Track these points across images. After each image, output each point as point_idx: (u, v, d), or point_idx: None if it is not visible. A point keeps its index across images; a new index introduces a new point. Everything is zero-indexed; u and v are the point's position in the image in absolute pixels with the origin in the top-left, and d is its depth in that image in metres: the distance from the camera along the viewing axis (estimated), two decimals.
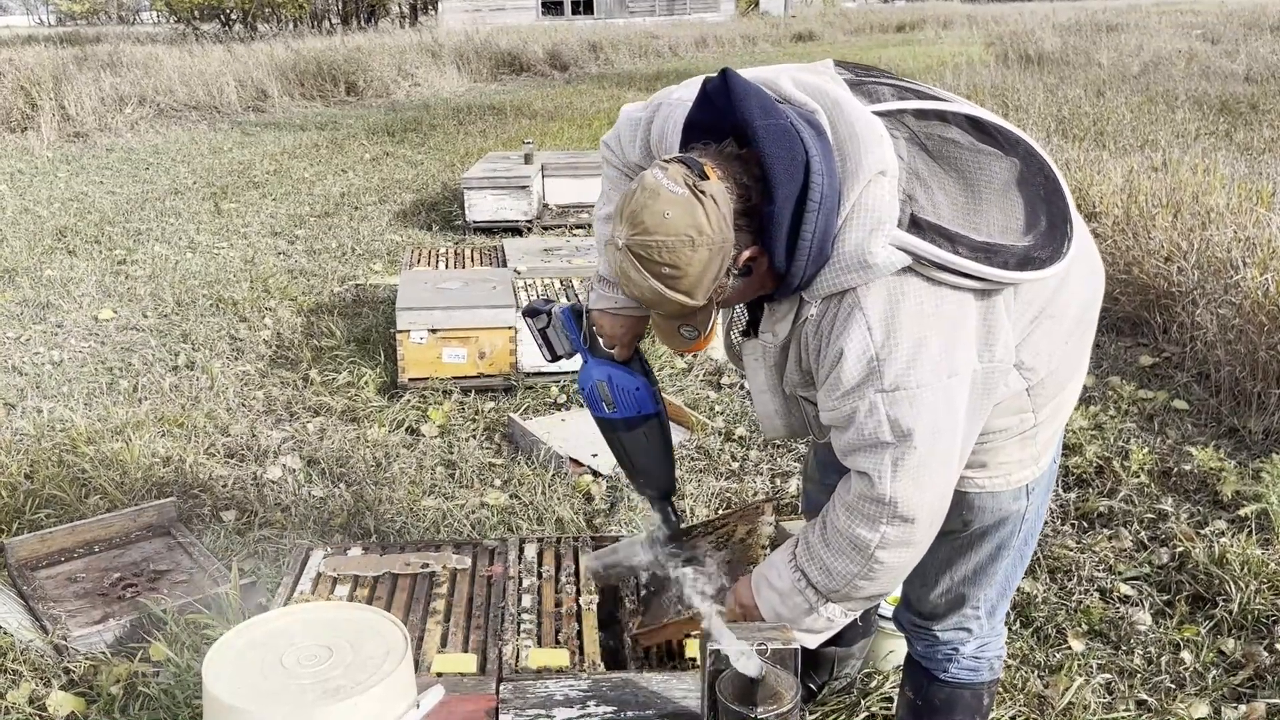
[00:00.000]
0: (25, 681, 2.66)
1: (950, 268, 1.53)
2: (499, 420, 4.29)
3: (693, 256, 1.53)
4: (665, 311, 1.65)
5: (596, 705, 1.98)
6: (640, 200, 1.55)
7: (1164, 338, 4.92)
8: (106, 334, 5.43)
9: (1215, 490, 3.56)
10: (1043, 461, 1.83)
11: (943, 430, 1.59)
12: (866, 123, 1.57)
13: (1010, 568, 1.94)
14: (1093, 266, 1.82)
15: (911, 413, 1.55)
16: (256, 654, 1.64)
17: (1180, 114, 10.18)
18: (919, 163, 1.58)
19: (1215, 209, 5.42)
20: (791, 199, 1.52)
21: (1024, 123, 9.17)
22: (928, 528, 1.64)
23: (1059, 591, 3.07)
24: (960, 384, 1.59)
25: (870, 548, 1.63)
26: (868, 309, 1.55)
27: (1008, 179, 1.61)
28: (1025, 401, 1.75)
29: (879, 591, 1.72)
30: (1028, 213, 1.61)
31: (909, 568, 1.70)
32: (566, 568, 2.69)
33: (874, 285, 1.55)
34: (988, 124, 1.66)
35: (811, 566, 1.72)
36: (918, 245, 1.52)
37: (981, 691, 2.06)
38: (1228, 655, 2.77)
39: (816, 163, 1.51)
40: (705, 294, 1.59)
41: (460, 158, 10.51)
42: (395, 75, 17.59)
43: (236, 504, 3.59)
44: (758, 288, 1.67)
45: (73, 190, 9.28)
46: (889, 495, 1.59)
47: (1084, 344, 1.83)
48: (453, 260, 5.94)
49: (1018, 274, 1.57)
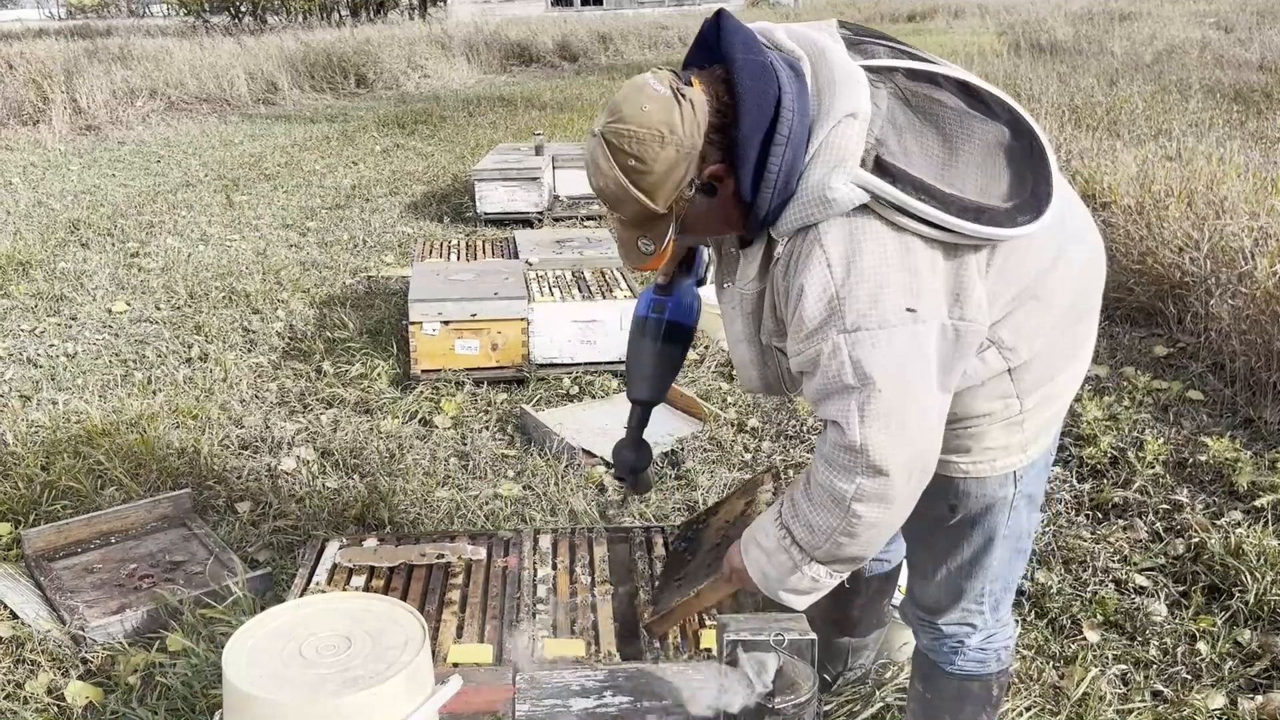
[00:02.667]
0: (43, 671, 2.68)
1: (910, 212, 1.53)
2: (511, 411, 4.29)
3: (660, 153, 1.58)
4: (626, 214, 1.68)
5: (613, 695, 1.99)
6: (625, 93, 1.62)
7: (1178, 328, 4.89)
8: (120, 326, 5.45)
9: (1231, 481, 3.55)
10: (1031, 451, 1.81)
11: (911, 377, 1.56)
12: (846, 70, 1.60)
13: (1005, 559, 1.93)
14: (1092, 254, 1.81)
15: (874, 354, 1.54)
16: (276, 644, 1.65)
17: (1193, 103, 10.11)
18: (899, 115, 1.59)
19: (1229, 198, 5.38)
20: (759, 129, 1.57)
21: (1037, 112, 9.12)
22: (905, 483, 1.59)
23: (1074, 582, 3.06)
24: (928, 332, 1.57)
25: (847, 499, 1.60)
26: (828, 246, 1.56)
27: (992, 143, 1.61)
28: (1008, 386, 1.74)
29: (860, 552, 1.69)
30: (1012, 179, 1.61)
31: (890, 527, 1.66)
32: (581, 558, 2.70)
33: (835, 223, 1.56)
34: (978, 89, 1.66)
35: (796, 523, 1.70)
36: (878, 185, 1.53)
37: (990, 682, 2.06)
38: (1244, 646, 2.77)
39: (788, 99, 1.57)
40: (666, 199, 1.63)
41: (471, 149, 10.51)
42: (405, 67, 17.59)
43: (251, 495, 3.61)
44: (722, 217, 1.69)
45: (85, 183, 9.31)
46: (859, 441, 1.56)
47: (1080, 335, 1.80)
48: (464, 252, 5.95)
49: (979, 228, 1.56)
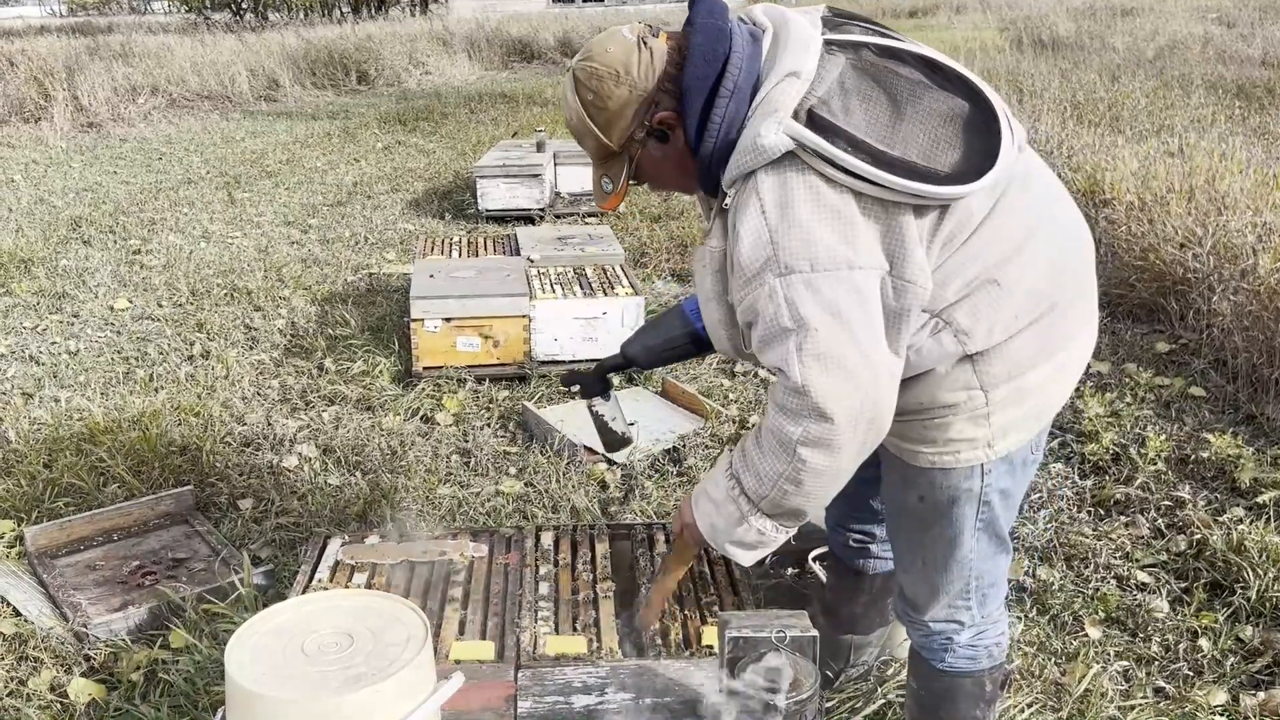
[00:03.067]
0: (46, 669, 2.69)
1: (838, 164, 1.58)
2: (513, 408, 4.29)
3: (614, 91, 1.74)
4: (588, 148, 1.84)
5: (615, 692, 1.99)
6: (599, 37, 1.79)
7: (1180, 324, 4.89)
8: (122, 324, 5.46)
9: (1233, 477, 3.55)
10: (999, 446, 1.81)
11: (851, 321, 1.59)
12: (801, 37, 1.69)
13: (982, 554, 1.92)
14: (1066, 249, 1.80)
15: (808, 296, 1.59)
16: (278, 641, 1.65)
17: (1195, 99, 10.10)
18: (850, 80, 1.66)
19: (1231, 194, 5.38)
20: (705, 80, 1.70)
21: (1038, 108, 9.10)
22: (851, 431, 1.61)
23: (1075, 579, 3.06)
24: (866, 279, 1.61)
25: (793, 442, 1.63)
26: (763, 193, 1.62)
27: (946, 113, 1.65)
28: (971, 376, 1.75)
29: (804, 504, 1.71)
30: (965, 149, 1.63)
31: (835, 479, 1.68)
32: (583, 555, 2.70)
33: (772, 172, 1.62)
34: (941, 65, 1.71)
35: (745, 472, 1.74)
36: (804, 134, 1.59)
37: (983, 678, 2.06)
38: (1246, 642, 2.77)
39: (736, 57, 1.69)
40: (620, 137, 1.78)
41: (472, 146, 10.50)
42: (406, 64, 17.57)
43: (253, 492, 3.61)
44: (679, 166, 1.81)
45: (87, 180, 9.32)
46: (800, 382, 1.59)
47: (1056, 332, 1.78)
48: (466, 249, 5.95)
49: (907, 183, 1.58)
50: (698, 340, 2.23)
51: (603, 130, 1.78)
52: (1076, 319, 1.82)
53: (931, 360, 1.74)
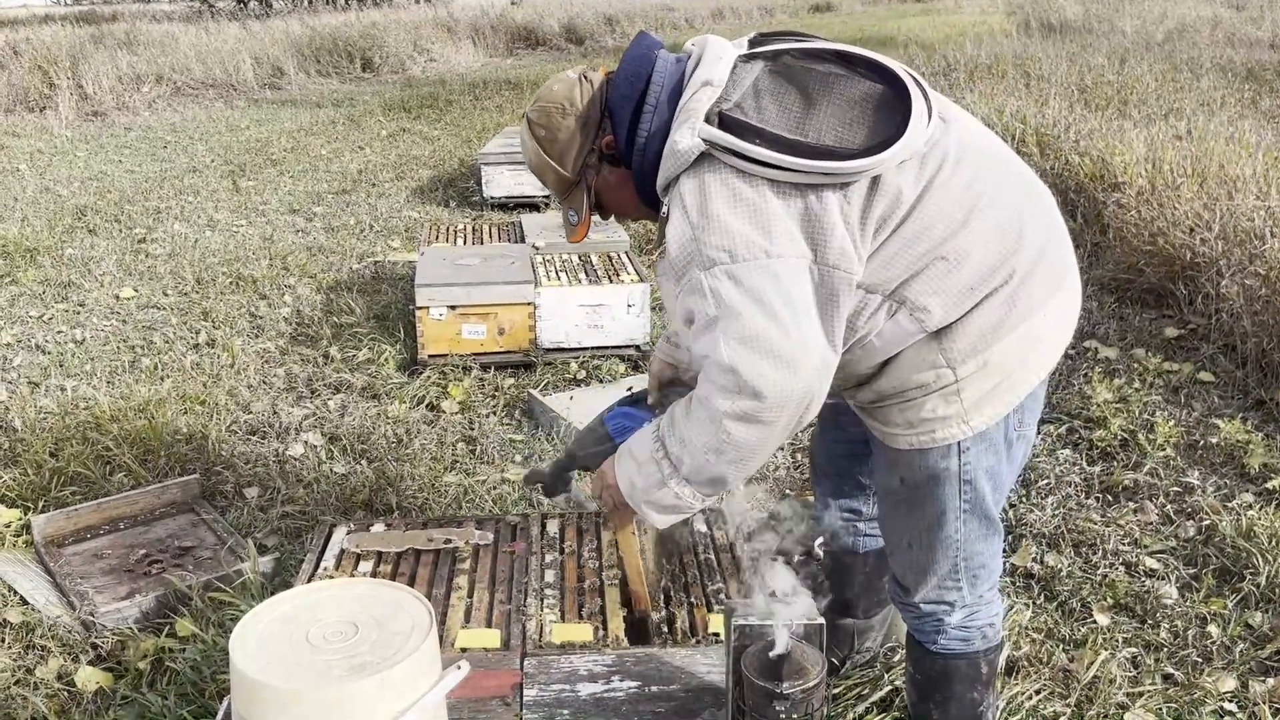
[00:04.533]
0: (54, 657, 2.69)
1: (751, 156, 1.67)
2: (519, 396, 4.29)
3: (562, 123, 1.90)
4: (549, 183, 1.98)
5: (620, 680, 1.99)
6: (547, 82, 1.96)
7: (1189, 309, 4.86)
8: (128, 312, 5.46)
9: (1242, 463, 3.53)
10: (975, 422, 1.81)
11: (773, 305, 1.65)
12: (716, 52, 1.81)
13: (967, 533, 1.92)
14: (1014, 219, 1.79)
15: (729, 285, 1.67)
16: (283, 630, 1.64)
17: (1205, 82, 10.02)
18: (765, 83, 1.76)
19: (1241, 178, 5.34)
20: (629, 99, 1.86)
21: (1046, 93, 9.05)
22: (778, 409, 1.66)
23: (1084, 565, 3.05)
24: (789, 268, 1.67)
25: (720, 415, 1.69)
26: (684, 196, 1.73)
27: (858, 97, 1.74)
28: (937, 355, 1.78)
29: (725, 473, 1.76)
30: (875, 125, 1.71)
31: (758, 453, 1.73)
32: (589, 543, 2.70)
33: (690, 175, 1.73)
34: (854, 56, 1.81)
35: (671, 437, 1.79)
36: (716, 134, 1.69)
37: (978, 660, 2.06)
38: (1255, 629, 2.75)
39: (658, 77, 1.85)
40: (573, 165, 1.93)
41: (477, 133, 10.48)
42: (411, 51, 17.54)
43: (259, 480, 3.61)
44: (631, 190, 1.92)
45: (92, 169, 9.31)
46: (727, 360, 1.66)
47: (1019, 302, 1.78)
48: (471, 236, 5.94)
49: (817, 163, 1.66)
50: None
51: (558, 161, 1.93)
52: (1042, 288, 1.81)
53: (896, 342, 1.78)
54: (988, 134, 1.91)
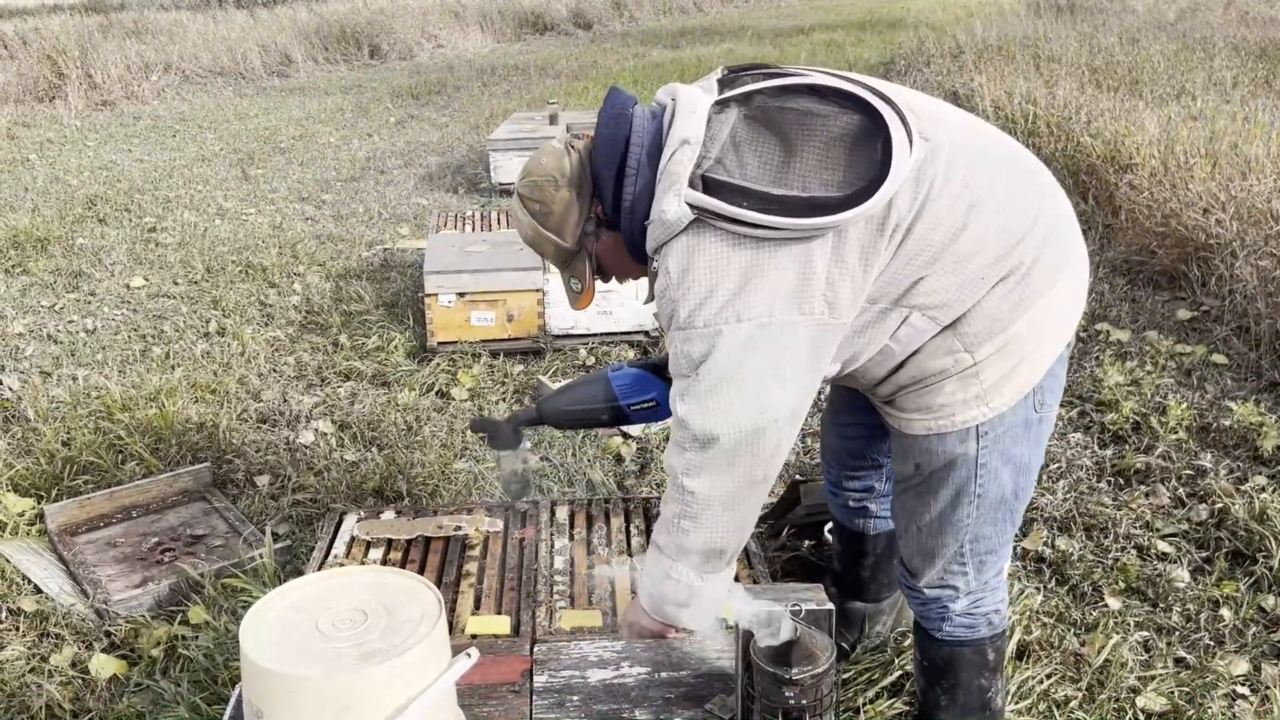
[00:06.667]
0: (68, 645, 2.71)
1: (736, 219, 1.66)
2: (528, 383, 4.29)
3: (555, 195, 1.88)
4: (549, 255, 1.97)
5: (630, 666, 1.99)
6: (534, 154, 1.94)
7: (1202, 291, 4.83)
8: (138, 302, 5.47)
9: (1255, 445, 3.51)
10: (995, 403, 1.82)
11: (741, 371, 1.70)
12: (688, 104, 1.77)
13: (979, 517, 1.92)
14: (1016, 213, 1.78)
15: (699, 348, 1.72)
16: (293, 617, 1.65)
17: (1218, 61, 9.93)
18: (741, 132, 1.73)
19: (1255, 158, 5.29)
20: (610, 164, 1.85)
21: (1056, 73, 8.98)
22: (729, 456, 1.72)
23: (1095, 549, 3.04)
24: (754, 330, 1.69)
25: (678, 475, 1.77)
26: (669, 262, 1.75)
27: (836, 135, 1.71)
28: (954, 341, 1.78)
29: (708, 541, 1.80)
30: (851, 165, 1.69)
31: (722, 504, 1.77)
32: (599, 529, 2.70)
33: (679, 241, 1.73)
34: (826, 89, 1.76)
35: (659, 530, 1.86)
36: (702, 200, 1.68)
37: (984, 647, 2.07)
38: (1268, 612, 2.74)
39: (636, 137, 1.83)
40: (572, 235, 1.91)
41: (485, 119, 10.45)
42: (419, 37, 17.49)
43: (270, 468, 3.62)
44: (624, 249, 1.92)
45: (101, 159, 9.33)
46: (680, 415, 1.75)
47: (1030, 284, 1.78)
48: (479, 223, 5.93)
49: (802, 221, 1.65)
50: (617, 413, 2.28)
51: (556, 234, 1.91)
52: (1051, 267, 1.81)
53: (914, 343, 1.80)
54: (974, 126, 1.89)
